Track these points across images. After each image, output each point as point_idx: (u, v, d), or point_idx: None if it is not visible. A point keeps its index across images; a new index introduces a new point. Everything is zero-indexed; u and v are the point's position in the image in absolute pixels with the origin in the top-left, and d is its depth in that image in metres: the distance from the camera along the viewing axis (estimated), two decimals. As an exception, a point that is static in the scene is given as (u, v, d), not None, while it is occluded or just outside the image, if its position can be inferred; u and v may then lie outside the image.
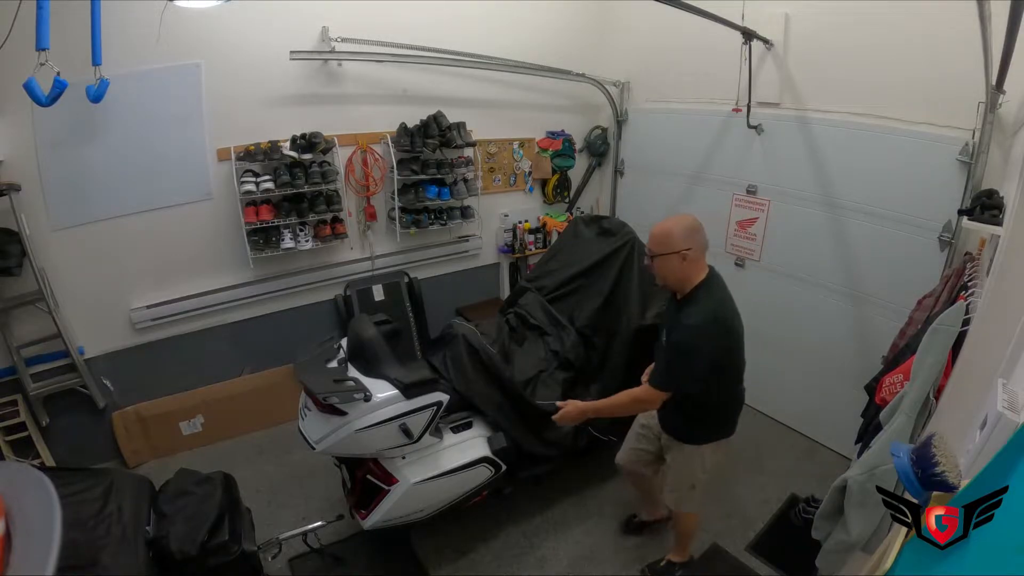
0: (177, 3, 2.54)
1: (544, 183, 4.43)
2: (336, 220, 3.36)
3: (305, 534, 2.34)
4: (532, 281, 3.18)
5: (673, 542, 2.44)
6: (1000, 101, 2.23)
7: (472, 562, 2.48)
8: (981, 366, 1.30)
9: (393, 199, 3.51)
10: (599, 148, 4.46)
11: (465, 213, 3.84)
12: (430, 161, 3.52)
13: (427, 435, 2.17)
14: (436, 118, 3.51)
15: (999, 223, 1.76)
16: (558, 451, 2.55)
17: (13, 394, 2.72)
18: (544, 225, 4.34)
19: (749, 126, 3.27)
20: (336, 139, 3.23)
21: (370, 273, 3.69)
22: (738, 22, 2.85)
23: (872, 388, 2.09)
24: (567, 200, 4.60)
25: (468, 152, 3.73)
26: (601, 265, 3.06)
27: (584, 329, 2.87)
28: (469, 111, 3.72)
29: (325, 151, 3.19)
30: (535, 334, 2.89)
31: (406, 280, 3.74)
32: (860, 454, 1.98)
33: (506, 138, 4.10)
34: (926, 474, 0.85)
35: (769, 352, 3.52)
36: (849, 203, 2.96)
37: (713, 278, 1.87)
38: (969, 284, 1.84)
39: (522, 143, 4.20)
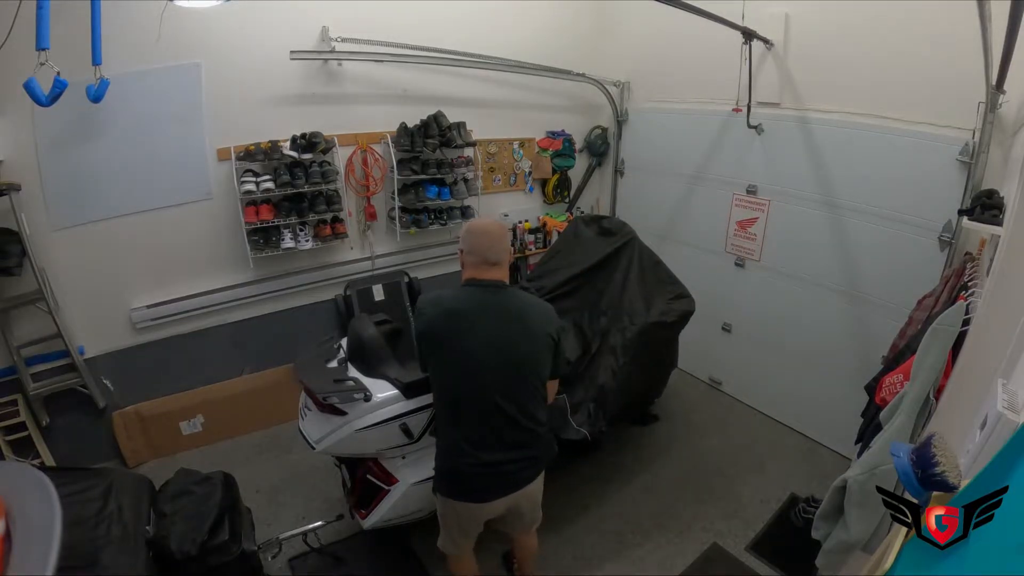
0: (177, 3, 2.54)
1: (544, 183, 4.43)
2: (336, 220, 3.35)
3: (305, 534, 2.35)
4: (532, 281, 3.18)
5: None
6: (1000, 101, 2.23)
7: (472, 562, 2.48)
8: (981, 366, 1.30)
9: (393, 199, 3.51)
10: (599, 148, 4.46)
11: (465, 213, 3.83)
12: (430, 161, 3.52)
13: (427, 435, 2.17)
14: (436, 118, 3.51)
15: (999, 223, 1.76)
16: None
17: (13, 394, 2.72)
18: (544, 225, 4.34)
19: (749, 126, 3.27)
20: (336, 139, 3.23)
21: (370, 273, 3.69)
22: (738, 22, 2.85)
23: (872, 388, 2.08)
24: (567, 200, 4.60)
25: (468, 152, 3.73)
26: (602, 265, 3.06)
27: (583, 327, 2.86)
28: (469, 111, 3.72)
29: (325, 151, 3.19)
30: None
31: (406, 280, 3.74)
32: (860, 454, 1.98)
33: (506, 138, 4.10)
34: (926, 474, 0.85)
35: (769, 352, 3.53)
36: (849, 203, 2.96)
37: (467, 284, 1.72)
38: (969, 284, 1.84)
39: (522, 143, 4.20)
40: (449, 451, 1.76)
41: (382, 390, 2.09)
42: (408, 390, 2.08)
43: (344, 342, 2.36)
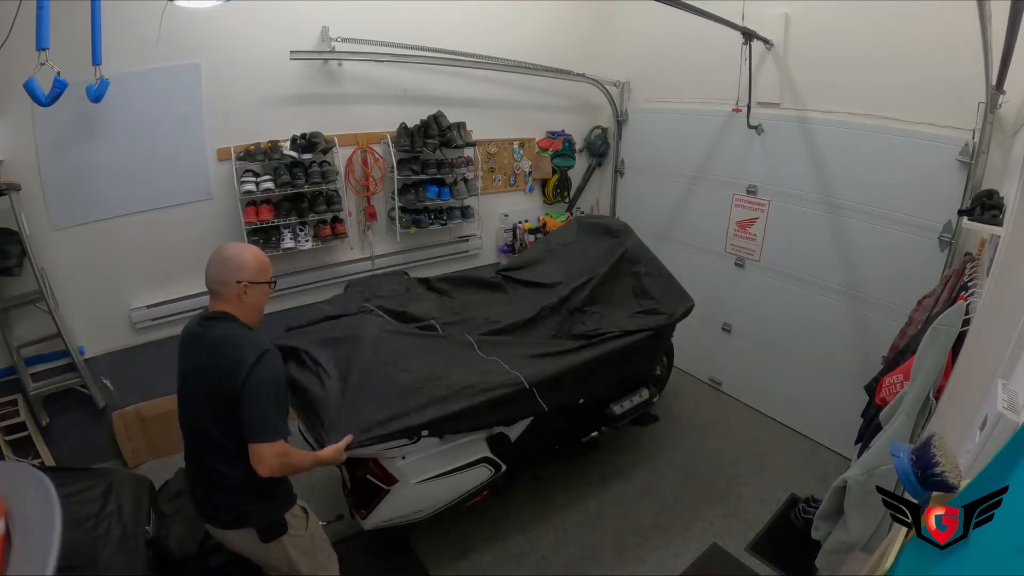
0: (177, 3, 2.54)
1: (544, 183, 4.43)
2: (336, 220, 3.35)
3: (305, 534, 2.34)
4: (504, 271, 3.18)
5: None
6: (1000, 101, 2.23)
7: (472, 562, 2.48)
8: (981, 366, 1.30)
9: (393, 199, 3.51)
10: (599, 148, 4.46)
11: (465, 213, 3.84)
12: (430, 161, 3.52)
13: (427, 435, 2.17)
14: (436, 118, 3.51)
15: (999, 223, 1.77)
16: None
17: (13, 394, 2.72)
18: (544, 225, 4.34)
19: (749, 126, 3.27)
20: (336, 139, 3.23)
21: (370, 273, 3.68)
22: (738, 22, 2.85)
23: (872, 388, 2.09)
24: (567, 200, 4.60)
25: (468, 152, 3.73)
26: (589, 265, 3.06)
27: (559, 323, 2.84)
28: (469, 111, 3.72)
29: (325, 151, 3.19)
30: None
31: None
32: (860, 454, 1.98)
33: (506, 138, 4.10)
34: (926, 474, 0.86)
35: (769, 352, 3.53)
36: (849, 203, 2.96)
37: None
38: (969, 284, 1.84)
39: (522, 143, 4.20)
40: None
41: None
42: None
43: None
